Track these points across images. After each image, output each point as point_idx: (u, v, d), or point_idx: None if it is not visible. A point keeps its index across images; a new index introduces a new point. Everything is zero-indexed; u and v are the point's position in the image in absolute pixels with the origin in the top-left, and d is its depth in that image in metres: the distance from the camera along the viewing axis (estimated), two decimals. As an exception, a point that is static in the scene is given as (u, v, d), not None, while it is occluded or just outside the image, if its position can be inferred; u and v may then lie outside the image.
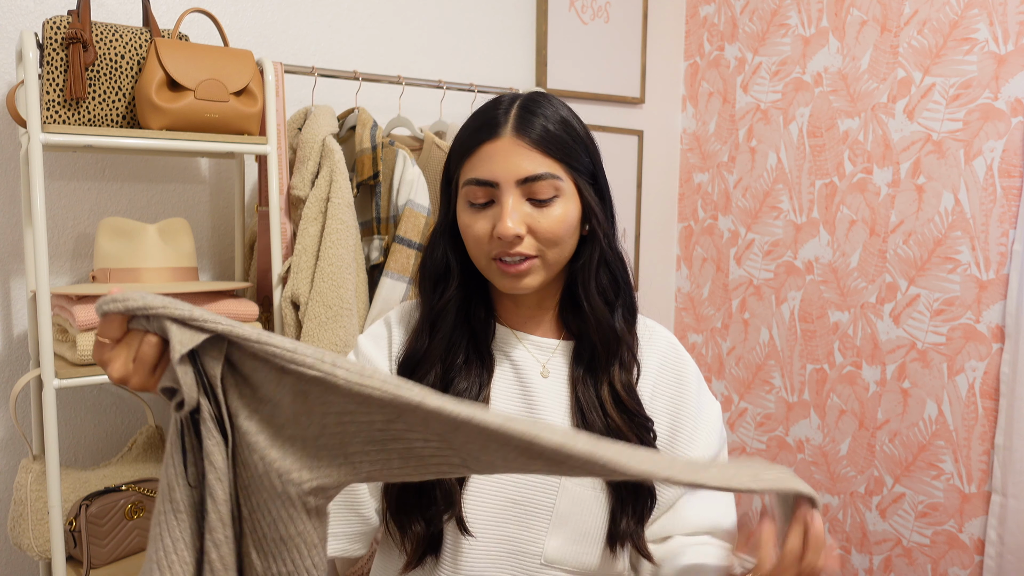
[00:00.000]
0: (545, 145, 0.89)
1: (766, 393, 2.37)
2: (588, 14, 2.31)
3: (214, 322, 0.61)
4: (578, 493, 0.91)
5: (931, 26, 1.92)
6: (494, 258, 0.90)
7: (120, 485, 1.45)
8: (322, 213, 1.53)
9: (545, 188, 0.88)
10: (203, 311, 0.62)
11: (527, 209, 0.88)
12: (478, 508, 0.90)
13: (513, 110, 0.91)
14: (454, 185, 0.94)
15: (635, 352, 0.97)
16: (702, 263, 2.57)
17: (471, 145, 0.91)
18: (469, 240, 0.92)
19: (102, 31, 1.36)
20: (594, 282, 0.94)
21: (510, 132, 0.89)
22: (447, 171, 0.96)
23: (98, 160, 1.63)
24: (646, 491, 0.92)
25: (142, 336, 0.62)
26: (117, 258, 1.41)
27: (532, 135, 0.88)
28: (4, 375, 1.56)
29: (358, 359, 1.00)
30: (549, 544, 0.90)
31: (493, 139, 0.89)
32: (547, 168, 0.88)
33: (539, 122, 0.90)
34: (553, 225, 0.89)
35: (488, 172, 0.88)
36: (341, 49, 1.92)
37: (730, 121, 2.45)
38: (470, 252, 0.93)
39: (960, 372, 1.89)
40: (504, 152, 0.88)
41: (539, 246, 0.89)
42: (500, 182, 0.88)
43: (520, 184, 0.88)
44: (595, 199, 0.93)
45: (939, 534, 1.94)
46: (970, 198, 1.86)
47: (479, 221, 0.90)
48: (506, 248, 0.88)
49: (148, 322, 0.62)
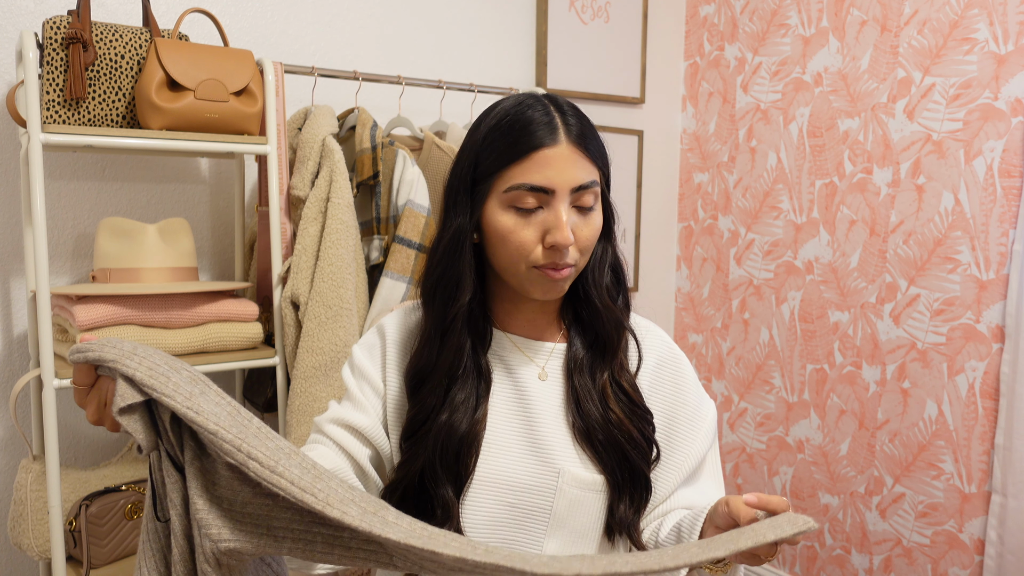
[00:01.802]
0: (591, 151, 0.89)
1: (766, 393, 2.37)
2: (588, 14, 2.31)
3: (150, 388, 0.63)
4: (576, 495, 0.91)
5: (931, 26, 1.92)
6: (540, 267, 0.88)
7: (120, 485, 1.45)
8: (322, 213, 1.53)
9: (590, 197, 0.89)
10: (155, 360, 0.64)
11: (574, 218, 0.88)
12: (477, 513, 0.91)
13: (556, 116, 0.88)
14: (484, 188, 0.90)
15: (638, 341, 0.99)
16: (702, 263, 2.57)
17: (522, 150, 0.87)
18: (510, 246, 0.88)
19: (102, 31, 1.36)
20: (604, 281, 0.95)
21: (566, 139, 0.87)
22: (472, 172, 0.91)
23: (98, 160, 1.63)
24: (642, 481, 0.93)
25: (109, 383, 0.65)
26: (117, 258, 1.41)
27: (585, 143, 0.88)
28: (4, 375, 1.56)
29: (351, 369, 0.99)
30: (547, 546, 0.90)
31: (550, 145, 0.87)
32: (593, 176, 0.89)
33: (586, 130, 0.89)
34: (592, 234, 0.90)
35: (544, 179, 0.86)
36: (341, 49, 1.92)
37: (730, 121, 2.45)
38: (505, 258, 0.90)
39: (960, 372, 1.89)
40: (563, 159, 0.87)
41: (577, 255, 0.90)
42: (557, 189, 0.86)
43: (572, 192, 0.87)
44: (609, 202, 0.95)
45: (939, 534, 1.94)
46: (970, 198, 1.86)
47: (526, 228, 0.87)
48: (557, 259, 0.87)
49: (109, 371, 0.65)
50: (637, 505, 0.93)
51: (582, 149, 0.88)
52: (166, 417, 0.64)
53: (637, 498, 0.92)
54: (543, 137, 0.87)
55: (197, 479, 0.65)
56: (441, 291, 0.92)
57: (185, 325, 1.43)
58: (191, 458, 0.65)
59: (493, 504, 0.91)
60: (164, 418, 0.65)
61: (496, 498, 0.91)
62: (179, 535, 0.66)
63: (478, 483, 0.91)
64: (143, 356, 0.65)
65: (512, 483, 0.91)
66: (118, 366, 0.63)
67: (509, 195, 0.87)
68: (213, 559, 0.64)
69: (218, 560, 0.64)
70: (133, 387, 0.63)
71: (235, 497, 0.64)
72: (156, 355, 0.66)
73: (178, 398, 0.62)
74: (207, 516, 0.64)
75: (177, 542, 0.66)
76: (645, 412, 0.95)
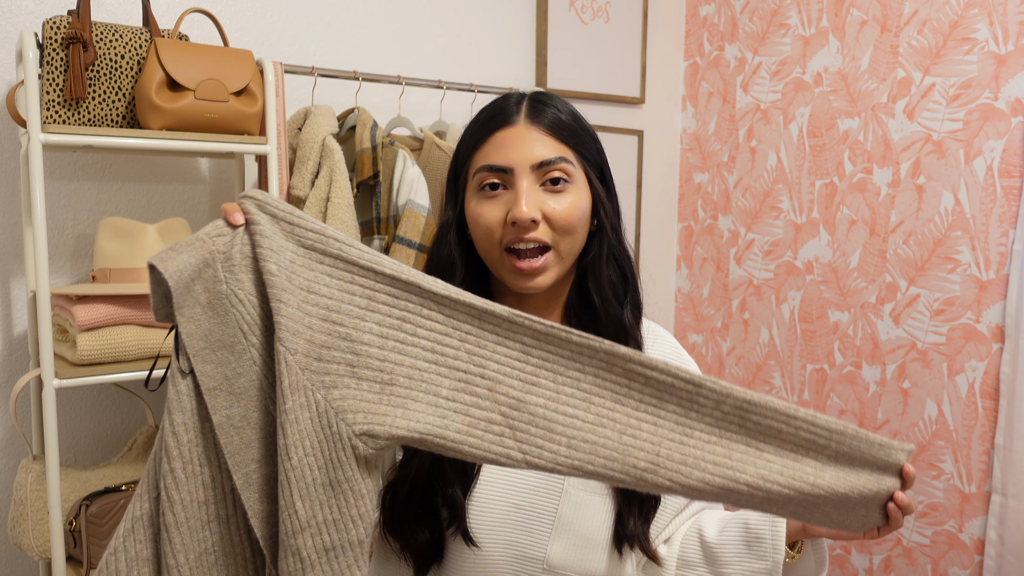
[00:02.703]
0: (558, 131, 0.89)
1: (766, 393, 2.37)
2: (588, 14, 2.31)
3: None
4: (581, 498, 0.90)
5: (931, 26, 1.92)
6: (507, 248, 0.88)
7: (120, 485, 1.45)
8: (322, 213, 1.53)
9: (556, 173, 0.88)
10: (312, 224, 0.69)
11: (541, 195, 0.88)
12: (482, 514, 0.90)
13: (524, 101, 0.91)
14: (463, 178, 0.93)
15: (642, 348, 0.96)
16: (702, 263, 2.57)
17: (482, 134, 0.90)
18: (480, 230, 0.90)
19: (102, 31, 1.36)
20: (604, 276, 0.93)
21: (524, 119, 0.89)
22: (455, 166, 0.95)
23: (98, 160, 1.63)
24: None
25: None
26: (117, 258, 1.41)
27: (545, 121, 0.89)
28: (4, 375, 1.56)
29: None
30: (551, 549, 0.89)
31: (506, 126, 0.89)
32: (560, 153, 0.89)
33: (551, 111, 0.90)
34: (566, 211, 0.88)
35: (502, 157, 0.88)
36: (341, 49, 1.92)
37: (730, 121, 2.45)
38: (480, 245, 0.91)
39: (960, 372, 1.89)
40: (518, 138, 0.88)
41: (554, 235, 0.88)
42: (514, 167, 0.87)
43: (535, 169, 0.87)
44: (603, 191, 0.94)
45: (939, 534, 1.94)
46: (970, 198, 1.86)
47: (491, 209, 0.88)
48: (521, 234, 0.87)
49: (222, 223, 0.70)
50: (647, 515, 0.91)
51: (544, 128, 0.88)
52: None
53: (646, 507, 0.91)
54: (503, 119, 0.89)
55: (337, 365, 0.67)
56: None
57: (185, 325, 1.43)
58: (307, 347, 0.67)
59: (498, 504, 0.90)
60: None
61: (501, 498, 0.91)
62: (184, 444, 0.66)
63: (484, 483, 0.91)
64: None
65: (517, 484, 0.91)
66: (271, 209, 0.69)
67: (476, 179, 0.90)
68: (351, 448, 0.65)
69: (355, 450, 0.65)
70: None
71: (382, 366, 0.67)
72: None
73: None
74: (342, 403, 0.66)
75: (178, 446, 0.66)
76: None
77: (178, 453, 0.65)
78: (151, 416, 1.58)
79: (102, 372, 1.33)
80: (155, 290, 0.66)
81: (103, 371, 1.33)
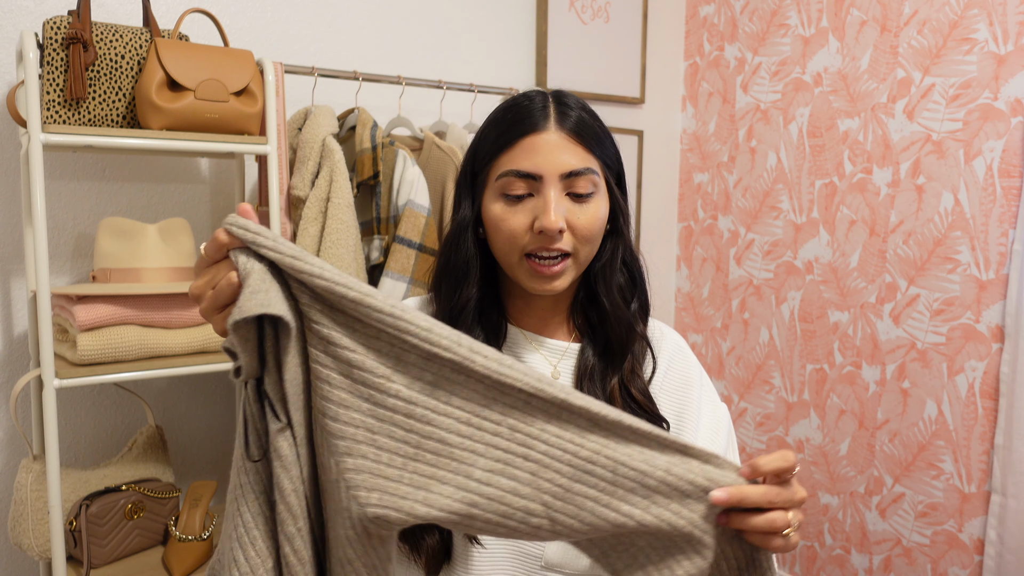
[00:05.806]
0: (584, 138, 0.88)
1: (766, 393, 2.37)
2: (588, 14, 2.31)
3: (298, 270, 0.55)
4: None
5: (931, 26, 1.92)
6: (528, 254, 0.88)
7: (120, 485, 1.45)
8: (322, 213, 1.53)
9: (586, 184, 0.88)
10: (329, 272, 0.57)
11: (567, 204, 0.88)
12: None
13: (551, 104, 0.90)
14: (482, 179, 0.92)
15: (652, 349, 0.97)
16: (702, 263, 2.57)
17: (511, 137, 0.89)
18: (502, 234, 0.89)
19: (102, 31, 1.36)
20: (614, 281, 0.93)
21: (555, 125, 0.88)
22: (472, 165, 0.94)
23: (98, 160, 1.63)
24: None
25: (228, 270, 0.60)
26: (117, 258, 1.41)
27: (576, 129, 0.88)
28: (4, 375, 1.56)
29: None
30: (548, 548, 0.90)
31: (537, 132, 0.87)
32: (588, 163, 0.88)
33: (576, 114, 0.89)
34: (591, 222, 0.88)
35: (532, 165, 0.87)
36: (341, 49, 1.92)
37: (730, 121, 2.45)
38: (500, 247, 0.90)
39: (960, 372, 1.89)
40: (549, 145, 0.87)
41: (575, 243, 0.88)
42: (544, 175, 0.87)
43: (563, 179, 0.87)
44: (622, 198, 0.93)
45: (939, 534, 1.94)
46: (970, 198, 1.86)
47: (516, 215, 0.88)
48: (546, 243, 0.87)
49: (244, 260, 0.58)
50: None
51: (574, 136, 0.87)
52: (291, 348, 0.57)
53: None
54: (533, 124, 0.88)
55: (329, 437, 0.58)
56: (447, 280, 0.93)
57: (185, 325, 1.43)
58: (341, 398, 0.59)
59: None
60: (284, 345, 0.57)
61: None
62: (288, 492, 0.58)
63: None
64: (308, 259, 0.58)
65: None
66: (272, 251, 0.57)
67: (500, 183, 0.88)
68: (362, 528, 0.58)
69: (367, 530, 0.58)
70: (261, 293, 0.55)
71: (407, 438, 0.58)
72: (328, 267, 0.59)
73: (340, 279, 0.57)
74: (355, 476, 0.57)
75: (284, 500, 0.58)
76: (657, 419, 0.93)
77: (294, 527, 0.59)
78: (151, 416, 1.58)
79: (102, 372, 1.33)
80: (244, 348, 0.58)
81: (103, 371, 1.33)
